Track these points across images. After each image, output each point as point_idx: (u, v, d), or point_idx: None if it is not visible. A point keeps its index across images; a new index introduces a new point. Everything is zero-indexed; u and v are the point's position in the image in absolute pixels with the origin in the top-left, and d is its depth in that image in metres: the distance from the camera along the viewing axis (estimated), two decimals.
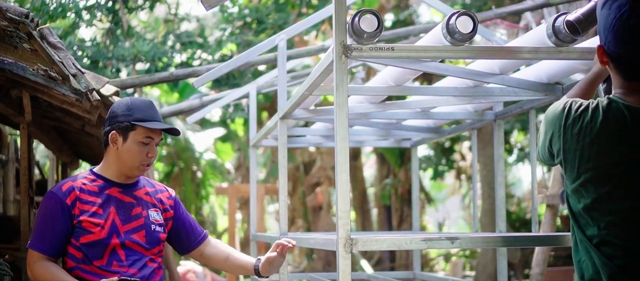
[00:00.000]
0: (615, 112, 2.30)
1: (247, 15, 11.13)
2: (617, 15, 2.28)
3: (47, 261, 3.27)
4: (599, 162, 2.30)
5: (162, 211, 3.49)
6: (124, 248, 3.30)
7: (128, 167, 3.36)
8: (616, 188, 2.29)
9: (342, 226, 2.99)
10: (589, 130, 2.32)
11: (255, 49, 5.43)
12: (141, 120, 3.31)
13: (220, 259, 3.66)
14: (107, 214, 3.30)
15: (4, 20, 3.45)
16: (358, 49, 3.05)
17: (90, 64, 9.93)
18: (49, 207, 3.29)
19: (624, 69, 2.34)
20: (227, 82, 10.29)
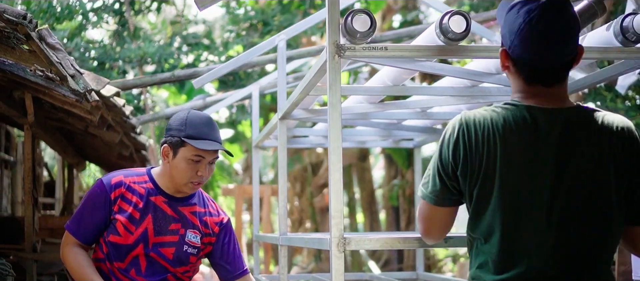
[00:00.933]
0: (516, 114, 2.31)
1: (252, 17, 11.16)
2: (526, 19, 2.28)
3: (79, 247, 3.28)
4: (502, 165, 2.30)
5: (202, 235, 3.39)
6: (147, 258, 3.26)
7: (177, 183, 3.28)
8: (517, 191, 2.29)
9: (335, 225, 2.99)
10: (490, 136, 2.31)
11: (256, 50, 5.45)
12: (192, 137, 3.20)
13: None
14: (142, 221, 3.25)
15: (1, 21, 3.46)
16: (351, 49, 3.05)
17: (97, 65, 9.98)
18: (94, 194, 3.27)
19: (527, 72, 2.34)
20: (233, 84, 10.34)
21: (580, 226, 2.27)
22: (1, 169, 9.49)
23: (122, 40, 10.74)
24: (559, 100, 2.33)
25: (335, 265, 3.00)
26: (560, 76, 2.33)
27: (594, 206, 2.27)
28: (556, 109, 2.31)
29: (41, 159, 11.74)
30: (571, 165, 2.27)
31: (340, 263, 3.00)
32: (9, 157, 9.50)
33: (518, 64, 2.35)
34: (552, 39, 2.26)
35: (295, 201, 17.86)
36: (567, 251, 2.27)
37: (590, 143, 2.28)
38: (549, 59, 2.29)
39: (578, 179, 2.27)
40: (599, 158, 2.28)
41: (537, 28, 2.26)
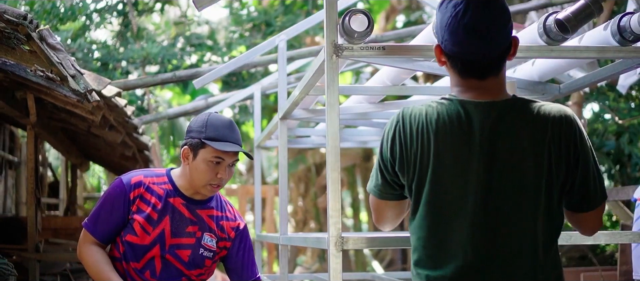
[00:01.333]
0: (450, 109, 2.33)
1: (255, 18, 11.17)
2: (453, 13, 2.29)
3: (97, 246, 3.25)
4: (436, 161, 2.32)
5: (218, 239, 3.36)
6: (162, 260, 3.24)
7: (196, 185, 3.25)
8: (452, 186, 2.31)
9: (332, 224, 3.00)
10: (425, 132, 2.34)
11: (256, 50, 5.46)
12: (213, 139, 3.18)
13: None
14: (159, 222, 3.23)
15: (1, 21, 3.48)
16: (349, 49, 3.06)
17: (100, 66, 10.01)
18: (113, 193, 3.25)
19: (460, 66, 2.36)
20: (236, 84, 10.36)
21: (511, 219, 2.28)
22: (5, 170, 9.52)
23: (126, 41, 10.77)
24: (494, 92, 2.34)
25: (333, 264, 3.02)
26: (494, 68, 2.33)
27: (527, 197, 2.28)
28: (489, 103, 2.31)
29: (45, 160, 11.78)
30: (502, 158, 2.28)
31: (338, 262, 3.02)
32: (13, 157, 9.52)
33: (451, 59, 2.37)
34: (478, 32, 2.27)
35: (299, 201, 17.88)
36: (499, 244, 2.28)
37: (523, 135, 2.28)
38: (476, 52, 2.29)
39: (510, 172, 2.27)
40: (533, 149, 2.28)
41: (463, 22, 2.27)
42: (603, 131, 9.86)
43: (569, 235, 3.10)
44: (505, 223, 2.28)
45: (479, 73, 2.33)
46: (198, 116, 3.32)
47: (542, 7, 6.31)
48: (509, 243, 2.28)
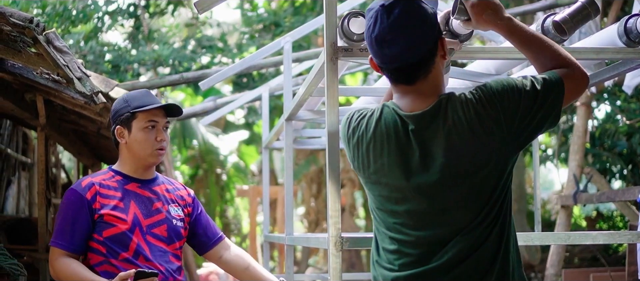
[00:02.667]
0: (387, 118, 2.40)
1: (265, 19, 11.21)
2: (366, 28, 2.40)
3: (69, 257, 3.25)
4: (375, 167, 2.42)
5: (182, 208, 3.49)
6: (147, 243, 3.30)
7: (142, 156, 3.37)
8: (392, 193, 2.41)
9: (332, 224, 3.03)
10: (365, 136, 2.44)
11: (262, 52, 5.50)
12: (139, 107, 3.33)
13: (239, 267, 3.66)
14: (128, 208, 3.31)
15: (8, 25, 3.53)
16: (348, 50, 3.09)
17: (111, 68, 10.07)
18: (69, 203, 3.28)
19: (387, 74, 2.44)
20: (246, 86, 10.41)
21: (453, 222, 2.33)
22: (19, 172, 9.59)
23: (137, 43, 10.83)
24: (426, 96, 2.38)
25: (333, 263, 3.04)
26: (420, 72, 2.37)
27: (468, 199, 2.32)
28: (418, 115, 2.36)
29: (59, 162, 11.85)
30: (434, 165, 2.33)
31: (338, 262, 3.04)
32: (26, 159, 9.59)
33: (380, 69, 2.46)
34: (386, 42, 2.34)
35: (311, 202, 17.90)
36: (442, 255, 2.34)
37: (450, 134, 2.32)
38: (392, 61, 2.37)
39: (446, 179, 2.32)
40: (463, 144, 2.31)
41: (373, 35, 2.37)
42: (614, 131, 9.85)
43: (567, 235, 3.11)
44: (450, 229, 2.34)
45: (405, 79, 2.40)
46: (116, 100, 3.45)
47: (548, 7, 6.32)
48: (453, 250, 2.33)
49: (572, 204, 7.18)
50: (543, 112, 2.32)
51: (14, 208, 9.42)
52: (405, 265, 2.38)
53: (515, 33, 2.48)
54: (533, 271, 11.30)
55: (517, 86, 2.32)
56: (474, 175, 2.31)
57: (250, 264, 3.68)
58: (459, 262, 2.32)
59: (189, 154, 17.02)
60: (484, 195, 2.32)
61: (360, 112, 2.51)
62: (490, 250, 2.33)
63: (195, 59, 10.47)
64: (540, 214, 4.69)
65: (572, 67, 2.40)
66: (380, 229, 2.49)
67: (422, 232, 2.36)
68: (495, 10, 2.49)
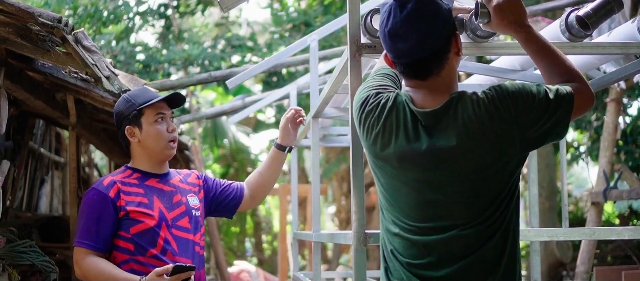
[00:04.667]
0: (399, 108, 2.40)
1: (295, 18, 11.23)
2: (380, 23, 2.42)
3: (95, 256, 3.23)
4: (382, 154, 2.42)
5: (196, 195, 3.52)
6: (173, 238, 3.32)
7: (157, 151, 3.39)
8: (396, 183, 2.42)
9: (356, 220, 3.03)
10: (376, 123, 2.43)
11: (288, 50, 5.52)
12: (144, 103, 3.37)
13: (258, 181, 3.74)
14: (152, 203, 3.32)
15: (36, 24, 3.58)
16: (371, 47, 3.09)
17: (142, 68, 10.15)
18: (92, 202, 3.27)
19: (400, 69, 2.44)
20: (276, 84, 10.44)
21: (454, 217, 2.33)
22: (52, 171, 9.70)
23: (167, 43, 10.91)
24: (439, 93, 2.38)
25: (356, 259, 3.04)
26: (432, 69, 2.38)
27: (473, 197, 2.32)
28: (429, 112, 2.35)
29: (91, 161, 11.97)
30: (442, 162, 2.32)
31: (362, 258, 3.05)
32: (60, 158, 9.70)
33: (394, 64, 2.47)
34: (399, 36, 2.35)
35: (342, 200, 17.89)
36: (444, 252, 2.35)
37: (460, 132, 2.30)
38: (404, 55, 2.37)
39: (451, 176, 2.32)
40: (473, 142, 2.29)
41: (386, 30, 2.38)
42: None
43: (592, 231, 3.09)
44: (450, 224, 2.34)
45: (418, 74, 2.40)
46: (116, 103, 3.48)
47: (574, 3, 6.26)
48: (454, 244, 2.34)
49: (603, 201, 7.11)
50: (552, 122, 2.32)
51: (47, 206, 9.54)
52: (408, 254, 2.41)
53: (532, 42, 2.49)
54: (565, 269, 11.21)
55: (531, 91, 2.31)
56: (480, 174, 2.30)
57: (258, 170, 3.79)
58: (461, 258, 2.32)
59: (220, 153, 17.08)
60: (488, 194, 2.31)
61: (377, 97, 2.48)
62: (495, 250, 2.33)
63: (225, 58, 10.52)
64: (567, 210, 4.64)
65: (582, 83, 2.41)
66: (385, 213, 2.53)
67: (422, 224, 2.37)
68: (519, 16, 2.50)
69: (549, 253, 10.46)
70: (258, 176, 3.75)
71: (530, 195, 4.90)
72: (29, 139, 8.20)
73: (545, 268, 10.45)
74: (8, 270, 5.01)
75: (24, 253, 5.16)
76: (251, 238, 19.49)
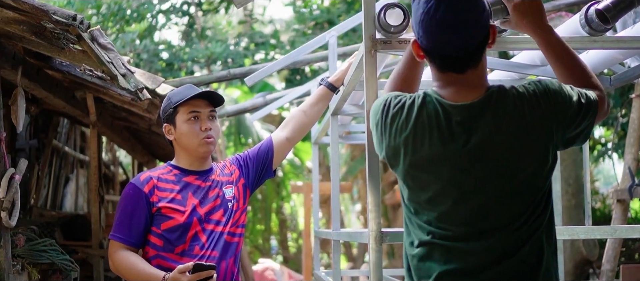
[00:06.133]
0: (429, 107, 2.29)
1: (318, 16, 11.20)
2: (425, 10, 2.25)
3: (127, 250, 3.30)
4: (413, 159, 2.30)
5: (235, 184, 3.51)
6: (204, 232, 3.34)
7: (191, 148, 3.39)
8: (430, 185, 2.30)
9: (373, 219, 2.99)
10: (404, 126, 2.31)
11: (307, 47, 5.47)
12: (179, 101, 3.38)
13: (301, 120, 3.72)
14: (185, 199, 3.34)
15: (51, 22, 3.57)
16: (387, 43, 3.05)
17: (165, 66, 10.17)
18: (127, 197, 3.34)
19: (437, 61, 2.31)
20: (299, 82, 10.41)
21: (495, 219, 2.25)
22: (77, 169, 9.76)
23: (191, 41, 10.92)
24: (474, 86, 2.29)
25: (373, 258, 3.00)
26: (472, 61, 2.29)
27: (514, 195, 2.24)
28: (466, 106, 2.27)
29: (116, 159, 12.05)
30: (483, 159, 2.24)
31: (378, 257, 3.01)
32: (85, 157, 9.76)
33: (428, 54, 2.33)
34: (450, 27, 2.23)
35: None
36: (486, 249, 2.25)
37: (500, 127, 2.23)
38: (452, 47, 2.25)
39: (493, 173, 2.24)
40: (513, 137, 2.23)
41: (435, 17, 2.23)
42: None
43: (613, 229, 3.03)
44: (491, 226, 2.26)
45: (457, 67, 2.29)
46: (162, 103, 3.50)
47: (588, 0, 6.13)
48: (495, 247, 2.25)
49: (628, 199, 6.99)
50: (583, 126, 2.28)
51: (72, 205, 9.60)
52: (443, 261, 2.29)
53: (550, 44, 2.44)
54: (591, 267, 11.07)
55: (569, 92, 2.27)
56: (520, 172, 2.23)
57: (302, 108, 3.76)
58: (501, 261, 2.24)
59: None
60: (528, 194, 2.24)
61: (399, 99, 2.38)
62: (535, 251, 2.25)
63: (248, 56, 10.51)
64: (590, 207, 4.57)
65: (602, 91, 2.37)
66: (414, 222, 2.40)
67: (461, 227, 2.27)
68: (539, 16, 2.45)
69: (576, 251, 10.34)
70: (301, 114, 3.73)
71: (554, 192, 4.83)
72: (53, 137, 8.25)
73: (571, 267, 10.33)
74: (28, 268, 5.02)
75: (43, 252, 5.17)
76: (276, 235, 19.51)
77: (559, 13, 7.31)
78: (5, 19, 3.82)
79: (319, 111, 3.77)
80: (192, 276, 3.13)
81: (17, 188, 4.41)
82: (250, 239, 18.06)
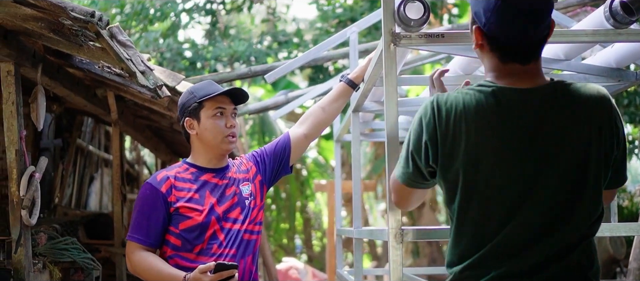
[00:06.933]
0: (488, 96, 2.21)
1: (341, 14, 11.15)
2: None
3: (145, 251, 3.25)
4: (473, 157, 2.21)
5: (251, 180, 3.47)
6: (222, 230, 3.29)
7: (214, 145, 3.34)
8: (491, 177, 2.20)
9: (392, 216, 2.95)
10: (460, 126, 2.22)
11: (327, 43, 5.42)
12: (205, 96, 3.33)
13: (320, 116, 3.67)
14: (203, 198, 3.28)
15: (68, 19, 3.55)
16: (407, 37, 3.00)
17: (189, 65, 10.18)
18: (144, 197, 3.28)
19: (503, 50, 2.23)
20: (322, 80, 10.37)
21: (557, 209, 2.17)
22: (101, 168, 9.80)
23: (214, 39, 10.92)
24: (534, 78, 2.23)
25: (393, 256, 2.96)
26: (537, 52, 2.24)
27: (573, 184, 2.17)
28: (530, 89, 2.20)
29: (140, 158, 12.07)
30: (548, 147, 2.17)
31: (398, 254, 2.97)
32: (109, 156, 9.78)
33: (494, 43, 2.25)
34: (530, 15, 2.16)
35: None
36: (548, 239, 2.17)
37: (567, 120, 2.17)
38: (527, 36, 2.19)
39: (556, 161, 2.17)
40: (578, 133, 2.17)
41: (515, 5, 2.16)
42: None
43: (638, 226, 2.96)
44: (552, 216, 2.17)
45: (522, 57, 2.22)
46: (181, 96, 3.44)
47: None
48: (558, 237, 2.17)
49: None
50: None
51: (97, 204, 9.64)
52: (497, 264, 2.20)
53: None
54: (619, 265, 10.94)
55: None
56: (581, 169, 2.17)
57: (320, 105, 3.70)
58: (555, 262, 2.17)
59: None
60: (588, 191, 2.18)
61: (446, 98, 2.28)
62: (588, 252, 2.21)
63: (271, 54, 10.49)
64: (616, 205, 4.48)
65: None
66: (467, 223, 2.27)
67: (519, 228, 2.19)
68: None
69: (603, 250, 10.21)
70: (320, 110, 3.68)
71: None
72: (77, 136, 8.28)
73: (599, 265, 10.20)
74: (49, 267, 5.02)
75: (65, 250, 5.16)
76: (301, 234, 19.49)
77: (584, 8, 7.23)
78: (23, 16, 3.80)
79: (338, 107, 3.72)
80: (213, 276, 3.09)
81: (38, 186, 4.41)
82: (274, 238, 18.05)
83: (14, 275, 4.45)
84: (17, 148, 4.39)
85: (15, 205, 4.37)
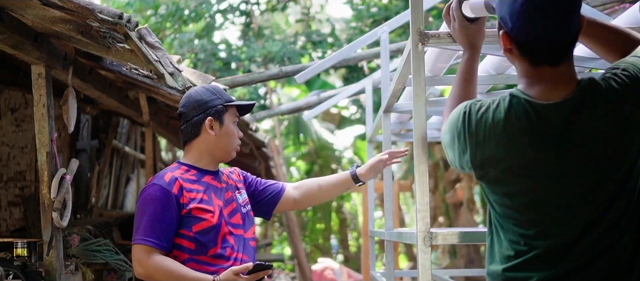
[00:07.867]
0: (518, 109, 2.15)
1: (375, 13, 11.10)
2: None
3: (160, 254, 3.08)
4: (506, 165, 2.17)
5: (243, 190, 3.45)
6: (231, 234, 3.22)
7: (227, 150, 3.30)
8: (525, 190, 2.17)
9: (421, 219, 2.89)
10: (493, 133, 2.18)
11: (358, 43, 5.38)
12: (230, 101, 3.30)
13: (314, 191, 3.62)
14: (211, 200, 3.20)
15: (96, 21, 3.55)
16: (435, 36, 2.94)
17: (223, 65, 10.20)
18: (155, 198, 3.11)
19: (533, 54, 2.17)
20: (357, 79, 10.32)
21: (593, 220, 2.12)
22: (137, 169, 9.85)
23: (248, 40, 10.93)
24: (566, 82, 2.16)
25: (422, 259, 2.91)
26: (568, 53, 2.16)
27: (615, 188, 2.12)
28: (560, 103, 2.13)
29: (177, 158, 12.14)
30: (581, 156, 2.11)
31: (426, 258, 2.91)
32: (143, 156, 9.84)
33: (522, 47, 2.18)
34: (557, 15, 2.09)
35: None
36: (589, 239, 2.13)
37: (601, 127, 2.11)
38: (555, 37, 2.12)
39: (591, 168, 2.12)
40: (614, 138, 2.11)
41: (541, 6, 2.09)
42: None
43: None
44: (594, 217, 2.13)
45: (553, 59, 2.16)
46: (196, 90, 3.33)
47: None
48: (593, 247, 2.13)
49: None
50: None
51: (133, 205, 9.69)
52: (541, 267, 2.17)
53: None
54: None
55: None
56: (619, 171, 2.12)
57: (320, 182, 3.65)
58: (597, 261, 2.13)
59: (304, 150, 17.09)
60: (627, 192, 2.13)
61: (479, 105, 2.26)
62: (630, 249, 2.14)
63: (304, 54, 10.48)
64: None
65: None
66: (507, 228, 2.27)
67: (559, 231, 2.16)
68: None
69: None
70: (316, 187, 3.64)
71: None
72: (113, 137, 8.33)
73: None
74: (82, 268, 5.04)
75: (97, 252, 5.18)
76: (337, 235, 19.46)
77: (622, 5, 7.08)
78: (51, 18, 3.81)
79: (334, 193, 3.68)
80: (250, 277, 3.05)
81: (69, 188, 4.42)
82: (310, 238, 18.04)
83: (45, 277, 4.46)
84: (48, 150, 4.40)
85: (47, 207, 4.37)
